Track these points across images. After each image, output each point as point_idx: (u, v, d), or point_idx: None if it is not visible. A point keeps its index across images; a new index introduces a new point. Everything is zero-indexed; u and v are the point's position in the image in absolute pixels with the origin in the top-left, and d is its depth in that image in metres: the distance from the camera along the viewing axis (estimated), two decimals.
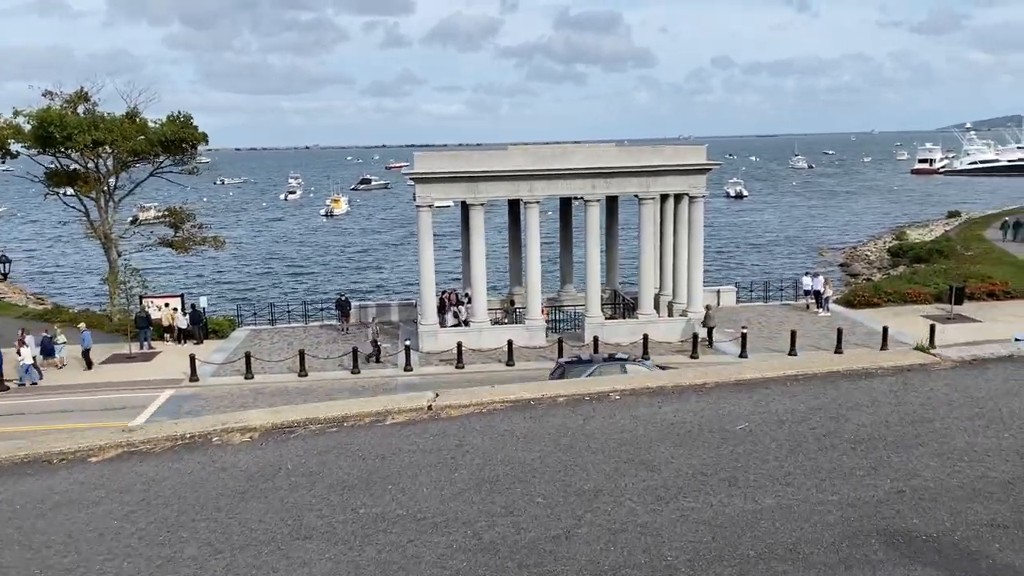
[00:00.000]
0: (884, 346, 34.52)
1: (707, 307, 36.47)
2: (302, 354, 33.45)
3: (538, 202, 36.10)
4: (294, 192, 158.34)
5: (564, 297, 42.74)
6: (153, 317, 38.90)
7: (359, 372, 33.22)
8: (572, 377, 27.06)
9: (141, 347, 37.45)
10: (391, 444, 5.14)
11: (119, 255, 42.62)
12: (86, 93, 40.39)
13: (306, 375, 33.04)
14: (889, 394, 5.71)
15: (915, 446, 4.80)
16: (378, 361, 34.14)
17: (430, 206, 35.82)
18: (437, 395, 5.88)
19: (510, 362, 33.76)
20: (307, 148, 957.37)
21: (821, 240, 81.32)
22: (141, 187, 44.58)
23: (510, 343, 34.05)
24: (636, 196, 36.75)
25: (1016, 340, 32.31)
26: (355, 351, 33.72)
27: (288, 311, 43.59)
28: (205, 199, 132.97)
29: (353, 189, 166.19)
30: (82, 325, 36.20)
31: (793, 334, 34.81)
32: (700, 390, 5.98)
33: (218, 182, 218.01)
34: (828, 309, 41.43)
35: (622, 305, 41.29)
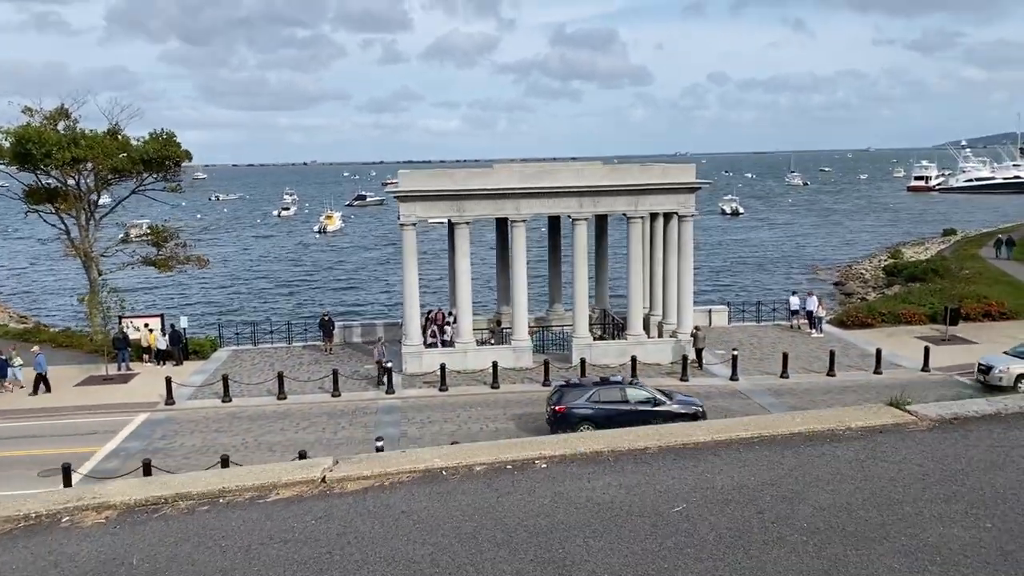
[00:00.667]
0: (878, 369, 33.83)
1: (696, 328, 35.69)
2: (281, 377, 32.62)
3: (524, 221, 35.41)
4: (288, 208, 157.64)
5: (552, 317, 41.99)
6: (133, 338, 38.13)
7: (339, 395, 32.40)
8: (570, 400, 26.17)
9: (119, 368, 36.65)
10: (264, 530, 4.34)
11: (100, 274, 41.82)
12: (66, 110, 39.69)
13: (285, 398, 32.22)
14: (855, 464, 4.92)
15: (879, 539, 4.01)
16: (388, 382, 33.09)
17: (415, 224, 35.11)
18: (337, 463, 5.09)
19: (495, 384, 32.97)
20: (305, 164, 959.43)
21: (816, 258, 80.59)
22: (132, 203, 43.83)
23: (495, 365, 33.26)
24: (624, 215, 36.06)
25: (980, 363, 31.57)
26: (335, 373, 32.88)
27: (271, 331, 42.71)
28: (199, 216, 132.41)
29: (348, 205, 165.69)
30: (35, 348, 35.30)
31: (785, 357, 34.05)
32: (640, 457, 5.19)
33: (213, 198, 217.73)
34: (821, 330, 40.68)
35: (612, 325, 40.55)
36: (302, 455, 23.33)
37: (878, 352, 34.52)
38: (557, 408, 26.17)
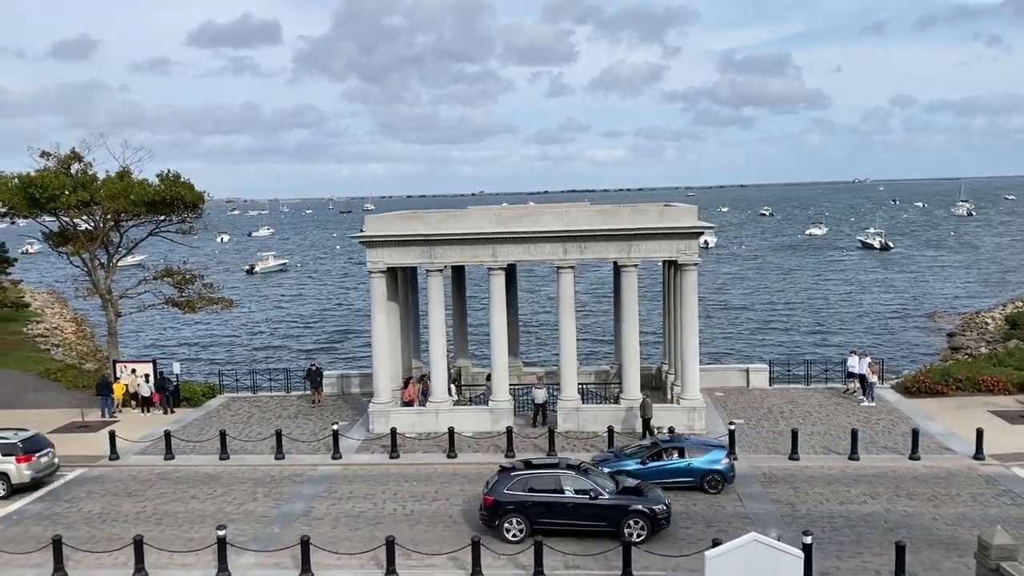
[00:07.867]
0: (914, 454, 27.57)
1: (644, 396, 30.76)
2: (223, 435, 30.53)
3: (503, 268, 31.87)
4: None
5: None
6: (123, 382, 37.46)
7: (283, 457, 29.90)
8: None
9: (102, 415, 35.93)
10: None
11: (118, 315, 41.70)
12: (78, 153, 39.95)
13: (228, 458, 30.10)
14: None
15: None
16: (544, 423, 31.85)
17: (383, 272, 32.33)
18: None
19: (451, 453, 29.46)
20: (473, 195, 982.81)
21: (946, 302, 70.85)
22: (286, 232, 43.67)
23: (451, 431, 29.76)
24: (616, 263, 31.74)
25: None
26: (279, 434, 30.36)
27: (270, 379, 40.97)
28: (337, 247, 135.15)
29: None
30: None
31: (794, 433, 28.41)
32: None
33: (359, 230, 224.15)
34: (873, 398, 34.28)
35: None
36: (137, 545, 20.75)
37: (915, 433, 28.18)
38: None
